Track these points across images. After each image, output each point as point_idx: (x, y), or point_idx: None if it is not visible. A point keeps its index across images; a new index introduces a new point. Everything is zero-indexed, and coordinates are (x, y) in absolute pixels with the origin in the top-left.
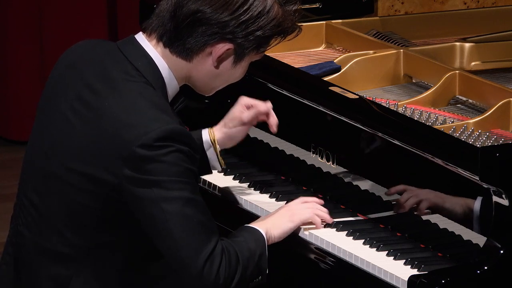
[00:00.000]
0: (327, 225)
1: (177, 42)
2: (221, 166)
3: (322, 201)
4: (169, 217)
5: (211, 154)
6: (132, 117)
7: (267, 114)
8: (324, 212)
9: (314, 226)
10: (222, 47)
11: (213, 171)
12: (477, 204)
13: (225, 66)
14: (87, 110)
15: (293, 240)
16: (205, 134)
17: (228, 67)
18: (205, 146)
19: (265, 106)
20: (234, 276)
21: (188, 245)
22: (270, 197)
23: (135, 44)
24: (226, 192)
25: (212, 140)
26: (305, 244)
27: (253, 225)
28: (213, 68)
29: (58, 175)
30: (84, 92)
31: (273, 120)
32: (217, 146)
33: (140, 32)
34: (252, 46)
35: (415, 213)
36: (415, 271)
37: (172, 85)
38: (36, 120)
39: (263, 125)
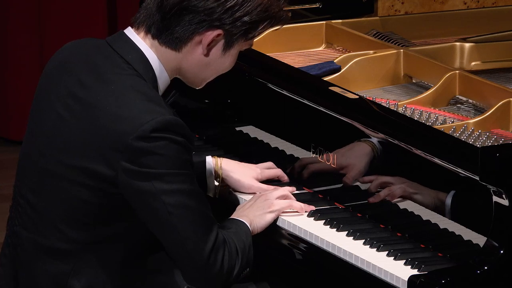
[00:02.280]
0: (326, 223)
1: (165, 32)
2: (215, 195)
3: (293, 188)
4: (171, 210)
5: (210, 182)
6: (125, 109)
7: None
8: (299, 203)
9: (294, 213)
10: (211, 34)
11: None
12: (448, 199)
13: (215, 54)
14: (80, 106)
15: (293, 240)
16: (209, 162)
17: (217, 55)
18: (207, 173)
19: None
20: (234, 266)
21: (192, 237)
22: None
23: (124, 38)
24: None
25: (217, 171)
26: (305, 244)
27: (237, 218)
28: (203, 57)
29: (54, 171)
30: (76, 88)
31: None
32: (220, 177)
33: (129, 27)
34: (240, 32)
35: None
36: (415, 271)
37: (162, 78)
38: (29, 121)
39: (263, 125)
